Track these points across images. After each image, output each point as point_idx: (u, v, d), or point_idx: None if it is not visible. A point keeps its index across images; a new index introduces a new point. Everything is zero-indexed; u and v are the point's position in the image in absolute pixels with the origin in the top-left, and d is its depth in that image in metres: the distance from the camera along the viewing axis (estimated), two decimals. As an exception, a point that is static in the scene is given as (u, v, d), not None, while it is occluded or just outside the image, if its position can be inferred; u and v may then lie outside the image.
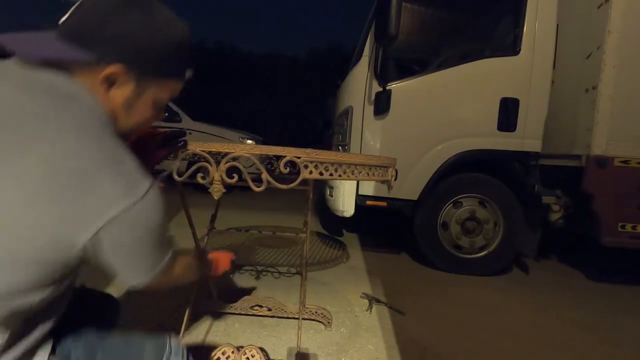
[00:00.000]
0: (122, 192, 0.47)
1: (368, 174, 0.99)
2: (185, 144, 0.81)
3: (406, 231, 2.76)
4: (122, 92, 0.55)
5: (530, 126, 2.40)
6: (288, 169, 0.88)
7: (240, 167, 0.87)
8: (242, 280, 2.15)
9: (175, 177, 0.86)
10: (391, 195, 2.49)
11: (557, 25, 2.39)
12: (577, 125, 2.35)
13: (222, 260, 1.00)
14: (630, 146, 2.21)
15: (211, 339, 1.46)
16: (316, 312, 1.64)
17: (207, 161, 0.85)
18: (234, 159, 0.85)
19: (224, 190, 0.86)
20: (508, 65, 2.40)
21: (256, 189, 0.88)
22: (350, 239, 3.35)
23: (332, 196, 2.68)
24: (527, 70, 2.37)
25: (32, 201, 0.43)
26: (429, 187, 2.45)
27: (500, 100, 2.39)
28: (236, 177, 0.85)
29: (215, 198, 0.83)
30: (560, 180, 2.51)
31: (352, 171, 0.95)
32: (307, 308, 1.64)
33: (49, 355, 0.56)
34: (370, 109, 2.47)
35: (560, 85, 2.50)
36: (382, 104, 2.40)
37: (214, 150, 0.85)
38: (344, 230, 3.61)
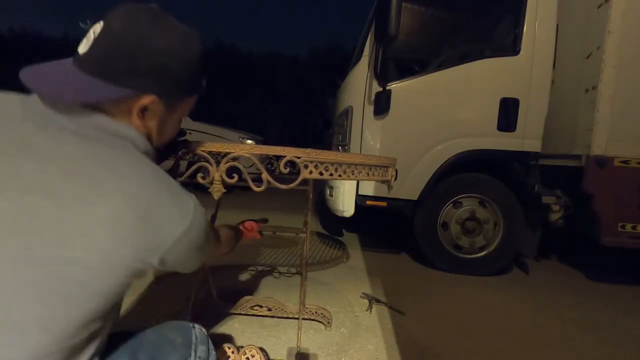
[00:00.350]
0: (179, 217, 0.54)
1: (368, 174, 0.99)
2: (185, 143, 0.82)
3: (406, 231, 2.76)
4: (154, 118, 0.60)
5: (530, 126, 2.40)
6: (288, 169, 0.88)
7: (240, 167, 0.87)
8: (242, 280, 2.15)
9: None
10: (391, 195, 2.48)
11: (557, 25, 2.39)
12: (577, 125, 2.35)
13: (251, 229, 1.18)
14: (630, 146, 2.21)
15: (211, 339, 1.46)
16: (316, 312, 1.64)
17: (207, 161, 0.85)
18: (234, 159, 0.86)
19: (224, 190, 0.86)
20: (508, 65, 2.40)
21: (256, 189, 0.88)
22: (350, 239, 3.35)
23: (332, 196, 2.68)
24: (527, 70, 2.37)
25: (115, 240, 0.48)
26: (429, 187, 2.45)
27: (500, 100, 2.39)
28: (236, 177, 0.85)
29: (216, 198, 0.83)
30: (560, 180, 2.51)
31: (352, 171, 0.95)
32: (307, 308, 1.64)
33: None
34: (370, 109, 2.47)
35: (560, 85, 2.50)
36: (382, 104, 2.40)
37: (214, 150, 0.84)
38: (344, 230, 3.61)
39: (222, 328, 1.55)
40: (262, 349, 1.13)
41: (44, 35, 26.72)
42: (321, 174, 0.90)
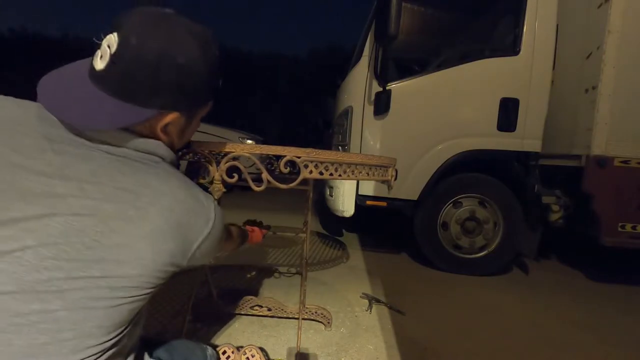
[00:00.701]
0: (204, 222, 0.58)
1: (368, 174, 0.99)
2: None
3: (406, 231, 2.76)
4: (176, 128, 0.61)
5: (530, 126, 2.40)
6: (288, 169, 0.88)
7: (241, 166, 0.87)
8: (242, 280, 2.15)
9: None
10: (391, 195, 2.49)
11: (557, 25, 2.39)
12: (577, 125, 2.35)
13: (256, 233, 1.16)
14: (630, 146, 2.21)
15: (211, 339, 1.46)
16: (316, 312, 1.64)
17: (208, 161, 0.85)
18: (235, 158, 0.86)
19: (224, 190, 0.86)
20: (508, 65, 2.40)
21: (256, 189, 0.88)
22: (350, 239, 3.35)
23: (332, 196, 2.69)
24: (527, 70, 2.37)
25: (154, 251, 0.52)
26: (429, 187, 2.45)
27: (500, 100, 2.39)
28: (236, 176, 0.85)
29: (215, 198, 0.83)
30: (560, 180, 2.51)
31: (352, 171, 0.95)
32: (307, 308, 1.64)
33: (150, 357, 0.68)
34: (370, 109, 2.47)
35: (560, 85, 2.50)
36: (382, 104, 2.40)
37: (214, 150, 0.85)
38: (344, 230, 3.61)
39: (222, 328, 1.55)
40: (262, 349, 1.13)
41: (44, 35, 26.73)
42: (321, 173, 0.90)
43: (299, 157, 0.88)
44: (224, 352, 1.05)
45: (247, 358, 1.07)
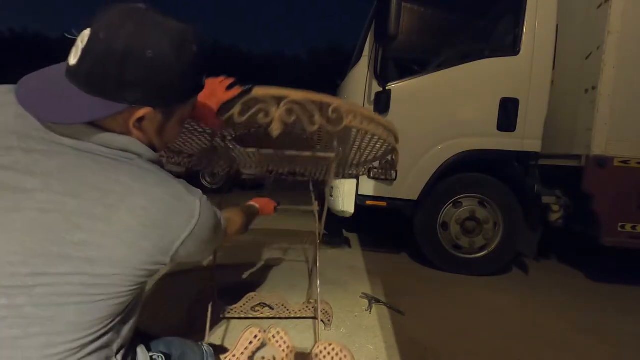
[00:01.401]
0: (185, 221, 0.57)
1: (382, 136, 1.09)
2: (251, 89, 0.86)
3: (406, 231, 2.76)
4: (152, 125, 0.59)
5: (530, 126, 2.40)
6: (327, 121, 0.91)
7: (296, 109, 0.89)
8: (242, 280, 2.15)
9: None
10: (391, 195, 2.49)
11: (557, 25, 2.39)
12: (577, 125, 2.35)
13: (267, 206, 1.12)
14: (630, 146, 2.21)
15: (211, 340, 1.46)
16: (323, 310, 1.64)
17: (268, 103, 0.88)
18: (292, 102, 0.89)
19: (281, 130, 0.89)
20: (508, 65, 2.40)
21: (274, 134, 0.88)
22: (350, 239, 3.35)
23: (332, 196, 2.68)
24: (527, 70, 2.37)
25: (128, 250, 0.52)
26: (429, 187, 2.45)
27: (500, 100, 2.39)
28: (295, 116, 0.88)
29: (274, 136, 0.88)
30: (560, 180, 2.51)
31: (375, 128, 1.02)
32: (309, 303, 1.66)
33: (148, 352, 0.68)
34: (370, 109, 2.46)
35: (560, 85, 2.50)
36: (381, 104, 2.40)
37: (276, 94, 0.88)
38: (344, 230, 3.61)
39: (222, 328, 1.55)
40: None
41: (44, 35, 26.74)
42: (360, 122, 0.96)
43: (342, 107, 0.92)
44: (252, 333, 1.09)
45: (273, 336, 1.10)
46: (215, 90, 0.82)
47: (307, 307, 1.67)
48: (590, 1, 2.29)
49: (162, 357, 0.70)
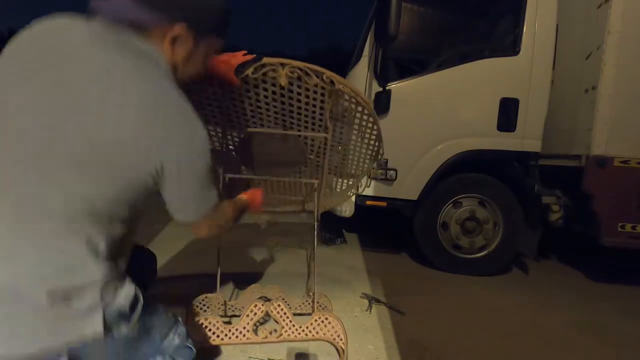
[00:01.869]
0: (190, 131, 0.64)
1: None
2: (261, 58, 1.06)
3: (406, 231, 2.76)
4: (184, 48, 0.68)
5: (530, 126, 2.40)
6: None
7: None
8: (242, 279, 2.15)
9: None
10: (391, 195, 2.49)
11: (557, 25, 2.39)
12: (577, 125, 2.35)
13: (254, 198, 1.14)
14: (630, 146, 2.21)
15: (212, 339, 1.46)
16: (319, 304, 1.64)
17: (275, 65, 1.08)
18: (295, 67, 1.09)
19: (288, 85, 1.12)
20: (508, 65, 2.40)
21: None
22: (350, 239, 3.34)
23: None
24: (527, 70, 2.37)
25: (135, 125, 0.58)
26: (429, 187, 2.45)
27: (500, 101, 2.39)
28: (298, 74, 1.10)
29: (282, 84, 1.10)
30: (560, 180, 2.51)
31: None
32: (310, 296, 1.66)
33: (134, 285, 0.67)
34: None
35: (560, 85, 2.50)
36: (381, 104, 2.40)
37: (282, 60, 1.09)
38: (344, 230, 3.61)
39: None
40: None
41: (44, 35, 26.63)
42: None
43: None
44: (256, 305, 1.24)
45: (275, 307, 1.25)
46: (235, 55, 1.03)
47: (306, 301, 1.67)
48: (590, 1, 2.28)
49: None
